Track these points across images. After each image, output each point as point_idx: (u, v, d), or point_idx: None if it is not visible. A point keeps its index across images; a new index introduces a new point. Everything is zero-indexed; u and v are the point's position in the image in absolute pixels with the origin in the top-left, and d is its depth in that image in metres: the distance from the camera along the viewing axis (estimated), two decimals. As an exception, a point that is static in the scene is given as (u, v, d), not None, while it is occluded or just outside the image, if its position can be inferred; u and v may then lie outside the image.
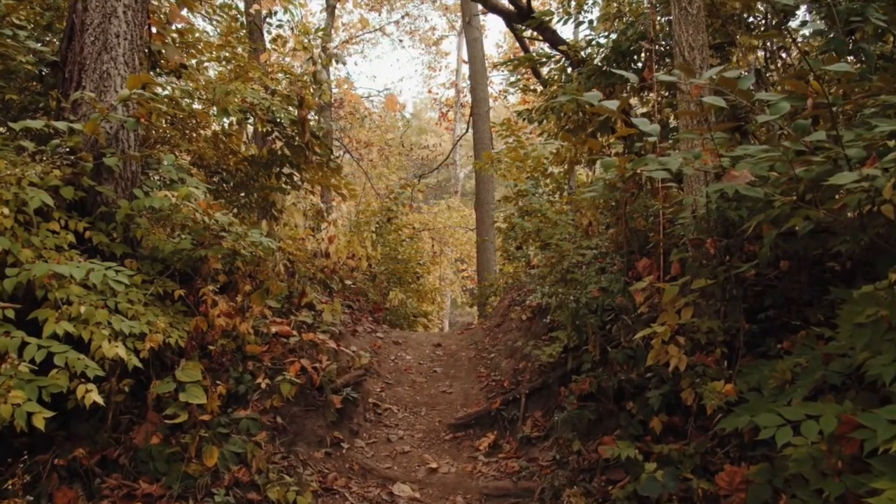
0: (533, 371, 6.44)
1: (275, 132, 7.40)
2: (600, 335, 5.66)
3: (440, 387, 7.12)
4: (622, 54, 7.68)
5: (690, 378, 4.89)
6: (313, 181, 7.76)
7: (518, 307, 7.85)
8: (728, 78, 3.60)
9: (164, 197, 5.32)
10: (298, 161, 7.51)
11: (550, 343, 6.57)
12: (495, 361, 7.41)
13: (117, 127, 5.90)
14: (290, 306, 6.79)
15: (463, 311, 28.78)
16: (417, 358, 7.96)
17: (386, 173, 21.68)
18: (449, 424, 6.26)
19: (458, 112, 26.26)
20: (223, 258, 6.18)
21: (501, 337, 7.95)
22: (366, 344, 7.90)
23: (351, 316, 8.83)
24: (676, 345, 4.90)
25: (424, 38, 27.38)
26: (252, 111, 7.03)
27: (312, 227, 10.64)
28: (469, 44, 17.02)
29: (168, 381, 4.78)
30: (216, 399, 4.98)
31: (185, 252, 5.46)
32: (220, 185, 8.13)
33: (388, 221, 12.23)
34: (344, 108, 18.83)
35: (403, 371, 7.51)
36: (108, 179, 5.84)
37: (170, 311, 5.50)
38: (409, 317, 11.66)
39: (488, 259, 15.69)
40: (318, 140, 7.36)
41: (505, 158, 11.63)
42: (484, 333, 8.59)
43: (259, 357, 5.75)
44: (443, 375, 7.44)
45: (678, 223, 5.36)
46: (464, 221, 21.44)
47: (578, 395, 5.53)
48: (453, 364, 7.74)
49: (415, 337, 8.83)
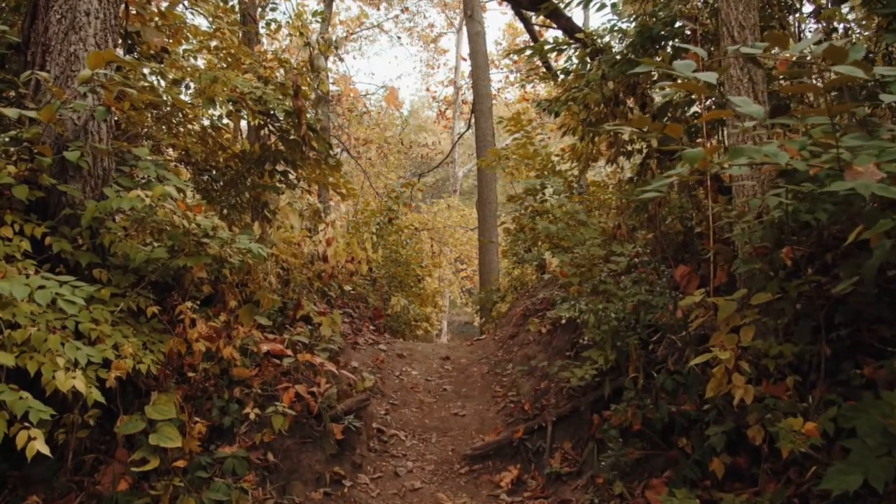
0: (559, 394, 5.59)
1: (268, 125, 6.53)
2: (643, 357, 4.82)
3: (451, 408, 6.27)
4: (651, 39, 6.82)
5: (758, 412, 4.06)
6: (310, 179, 6.89)
7: (536, 319, 7.00)
8: (838, 48, 2.76)
9: (137, 197, 4.45)
10: (294, 157, 6.64)
11: (579, 362, 5.73)
12: (512, 379, 6.56)
13: (86, 117, 5.02)
14: (284, 320, 5.93)
15: (461, 310, 27.97)
16: (424, 373, 7.11)
17: (385, 172, 20.76)
18: (464, 455, 5.40)
19: (457, 110, 25.39)
20: (208, 266, 5.32)
21: (517, 351, 7.10)
22: (368, 358, 7.04)
23: (351, 325, 7.97)
24: (740, 372, 4.08)
25: (423, 36, 26.48)
26: (242, 101, 6.14)
27: (310, 229, 9.78)
28: (470, 38, 16.15)
29: (136, 420, 3.90)
30: (195, 438, 4.11)
31: (160, 261, 4.59)
32: (210, 183, 7.25)
33: (389, 222, 11.36)
34: (342, 105, 17.92)
35: (410, 389, 6.65)
36: (75, 177, 4.97)
37: (145, 328, 4.63)
38: (410, 322, 10.80)
39: (491, 260, 14.84)
40: (316, 134, 6.49)
41: (513, 155, 10.79)
42: (496, 346, 7.74)
43: (248, 382, 4.88)
44: (453, 394, 6.58)
45: (738, 227, 4.52)
46: (463, 221, 20.57)
47: (618, 427, 4.69)
48: (464, 381, 6.89)
49: (420, 349, 7.97)
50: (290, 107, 6.14)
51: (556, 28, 10.01)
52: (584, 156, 9.04)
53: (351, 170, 19.00)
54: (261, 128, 6.66)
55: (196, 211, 4.75)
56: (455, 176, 25.05)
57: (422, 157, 22.35)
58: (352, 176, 19.30)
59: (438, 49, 27.34)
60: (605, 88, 6.75)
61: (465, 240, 20.31)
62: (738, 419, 4.14)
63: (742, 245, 4.66)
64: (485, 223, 15.15)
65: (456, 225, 20.08)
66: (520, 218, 10.70)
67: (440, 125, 28.18)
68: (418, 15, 24.95)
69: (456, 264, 22.19)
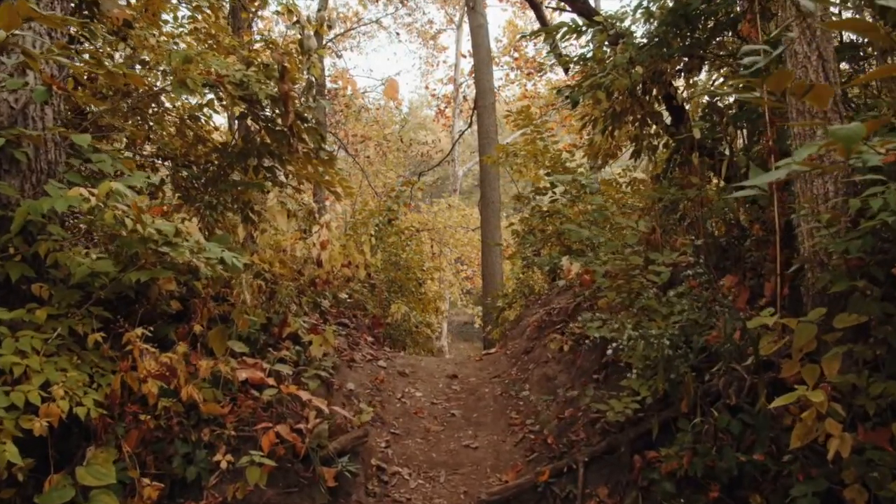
0: (589, 427, 4.67)
1: (250, 113, 5.59)
2: (698, 389, 3.90)
3: (461, 438, 5.34)
4: (685, 19, 5.90)
5: (858, 468, 3.16)
6: (300, 176, 5.95)
7: (557, 334, 6.07)
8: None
9: (78, 196, 3.52)
10: (281, 150, 5.70)
11: (610, 388, 4.81)
12: (529, 403, 5.63)
13: (25, 99, 4.09)
14: (267, 338, 5.00)
15: (461, 311, 27.02)
16: (429, 395, 6.18)
17: (383, 171, 19.78)
18: (479, 500, 4.47)
19: (457, 108, 24.43)
20: (177, 278, 4.41)
21: (533, 369, 6.18)
22: (366, 378, 6.11)
23: (347, 338, 7.03)
24: (832, 416, 3.18)
25: (422, 33, 25.49)
26: (220, 85, 5.20)
27: (304, 230, 8.85)
28: (473, 31, 15.22)
29: (64, 486, 2.96)
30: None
31: (109, 275, 3.66)
32: (190, 181, 6.31)
33: (389, 223, 10.41)
34: (339, 101, 16.94)
35: (413, 415, 5.72)
36: (11, 172, 4.04)
37: (94, 357, 3.70)
38: (411, 331, 9.87)
39: (494, 262, 13.92)
40: (306, 124, 5.55)
41: (521, 152, 9.87)
42: (508, 362, 6.82)
43: (221, 420, 3.95)
44: (463, 421, 5.66)
45: (820, 234, 3.60)
46: (464, 221, 19.63)
47: (669, 476, 3.78)
48: (475, 404, 5.96)
49: (424, 365, 7.04)
50: (276, 91, 5.21)
51: (569, 11, 9.09)
52: (601, 151, 8.13)
53: (349, 168, 18.04)
54: (243, 117, 5.72)
55: (155, 213, 3.81)
56: (455, 175, 24.10)
57: (421, 155, 21.36)
58: (349, 174, 18.35)
59: (438, 46, 26.37)
60: (635, 73, 5.83)
61: (465, 240, 19.38)
62: (831, 475, 3.24)
63: (821, 255, 3.76)
64: (488, 224, 14.23)
65: (457, 225, 19.13)
66: (528, 219, 9.79)
67: (439, 123, 27.23)
68: (417, 11, 23.93)
69: (456, 265, 21.26)
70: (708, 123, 5.37)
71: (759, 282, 5.02)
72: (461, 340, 30.54)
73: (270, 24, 15.81)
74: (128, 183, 3.97)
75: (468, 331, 29.70)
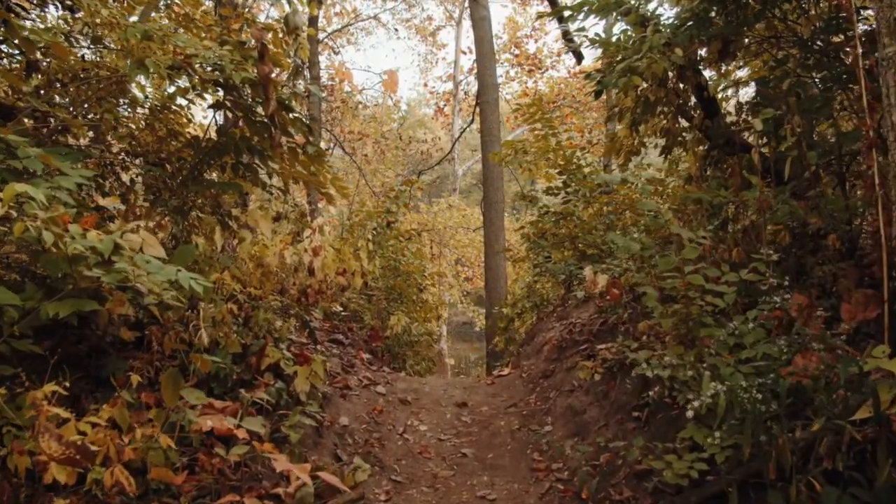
0: (634, 482, 3.74)
1: (225, 101, 4.65)
2: (792, 450, 2.96)
3: (476, 487, 4.40)
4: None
5: None
6: (285, 175, 5.00)
7: (583, 358, 5.14)
8: None
9: (-24, 202, 2.57)
10: (263, 145, 4.76)
11: (655, 428, 3.89)
12: (553, 441, 4.71)
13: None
14: (243, 371, 4.06)
15: (459, 311, 26.09)
16: (436, 429, 5.24)
17: (382, 169, 18.79)
18: (502, 575, 3.55)
19: (456, 106, 23.47)
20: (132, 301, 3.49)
21: (555, 398, 5.25)
22: (362, 408, 5.17)
23: (341, 359, 6.10)
24: None
25: (420, 29, 24.49)
26: (188, 67, 4.25)
27: (297, 233, 7.90)
28: (475, 23, 14.24)
29: None
30: None
31: (20, 306, 2.72)
32: (162, 181, 5.36)
33: (388, 226, 9.45)
34: (335, 96, 15.95)
35: (418, 455, 4.79)
36: None
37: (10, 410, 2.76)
38: (412, 343, 8.92)
39: (498, 266, 12.95)
40: (291, 114, 4.61)
41: (531, 149, 8.92)
42: (525, 387, 5.88)
43: (175, 490, 3.01)
44: (476, 463, 4.72)
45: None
46: (465, 221, 18.69)
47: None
48: (489, 441, 5.02)
49: (428, 390, 6.08)
50: (254, 76, 4.26)
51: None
52: (623, 147, 7.19)
53: (345, 166, 17.08)
54: (219, 106, 4.76)
55: (85, 224, 2.87)
56: (455, 174, 23.13)
57: (421, 153, 20.36)
58: (346, 173, 17.37)
59: (437, 44, 25.37)
60: (675, 56, 4.90)
61: (466, 241, 18.45)
62: None
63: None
64: (491, 225, 13.27)
65: (457, 226, 18.19)
66: (539, 221, 8.85)
67: (438, 122, 26.27)
68: (416, 6, 22.90)
69: (456, 266, 20.34)
70: (768, 116, 4.41)
71: (829, 301, 4.11)
72: (460, 341, 29.62)
73: (260, 6, 14.79)
74: (55, 185, 3.03)
75: (467, 331, 28.74)
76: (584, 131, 17.95)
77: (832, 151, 4.77)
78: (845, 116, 5.37)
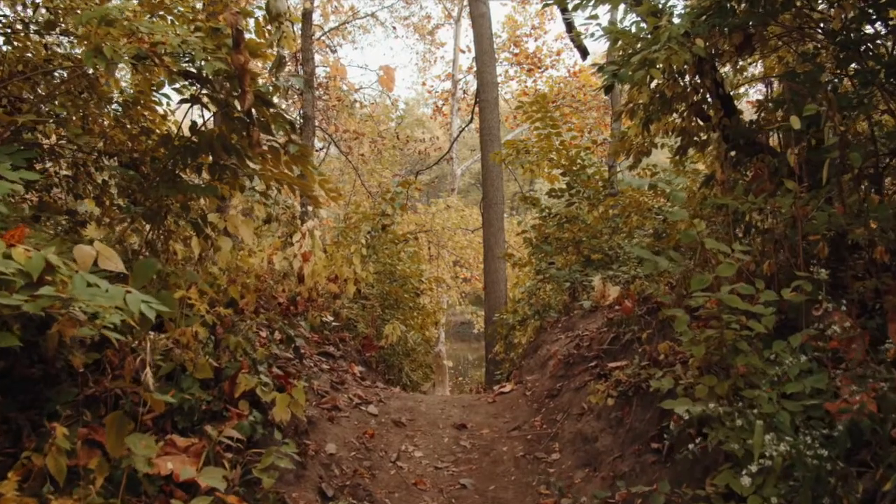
0: (659, 530, 3.24)
1: (198, 94, 4.14)
2: None
3: (476, 526, 3.91)
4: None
5: None
6: (266, 177, 4.49)
7: (594, 378, 4.65)
8: None
9: None
10: (242, 144, 4.25)
11: (679, 465, 3.40)
12: (563, 472, 4.21)
13: None
14: (214, 401, 3.55)
15: (458, 311, 25.60)
16: (432, 455, 4.74)
17: (378, 169, 18.25)
18: None
19: (455, 105, 22.95)
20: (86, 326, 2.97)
21: (563, 421, 4.75)
22: (351, 433, 4.67)
23: (330, 374, 5.60)
24: None
25: (419, 27, 23.97)
26: (153, 55, 3.74)
27: (290, 235, 7.41)
28: (474, 21, 13.73)
29: None
30: None
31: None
32: (135, 183, 4.85)
33: (383, 230, 8.95)
34: (330, 93, 15.41)
35: (412, 486, 4.28)
36: None
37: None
38: (408, 353, 8.43)
39: (497, 269, 12.44)
40: (271, 109, 4.10)
41: (534, 148, 8.43)
42: (528, 406, 5.38)
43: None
44: (477, 497, 4.22)
45: None
46: (463, 222, 18.17)
47: None
48: (491, 470, 4.52)
49: (424, 409, 5.57)
50: (228, 65, 3.75)
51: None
52: (633, 147, 6.68)
53: (341, 165, 16.54)
54: (192, 101, 4.25)
55: (10, 238, 2.37)
56: (453, 174, 22.62)
57: (419, 153, 19.84)
58: (341, 173, 16.85)
59: (435, 42, 24.85)
60: (697, 47, 4.41)
61: (465, 242, 17.94)
62: None
63: None
64: (490, 226, 12.77)
65: (455, 226, 17.67)
66: (542, 225, 8.36)
67: (437, 121, 25.76)
68: (414, 4, 22.37)
69: (454, 268, 19.82)
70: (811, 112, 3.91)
71: (872, 320, 3.62)
72: (458, 341, 29.17)
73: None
74: None
75: (465, 331, 28.25)
76: (584, 131, 17.47)
77: (871, 153, 4.28)
78: (877, 114, 4.90)
